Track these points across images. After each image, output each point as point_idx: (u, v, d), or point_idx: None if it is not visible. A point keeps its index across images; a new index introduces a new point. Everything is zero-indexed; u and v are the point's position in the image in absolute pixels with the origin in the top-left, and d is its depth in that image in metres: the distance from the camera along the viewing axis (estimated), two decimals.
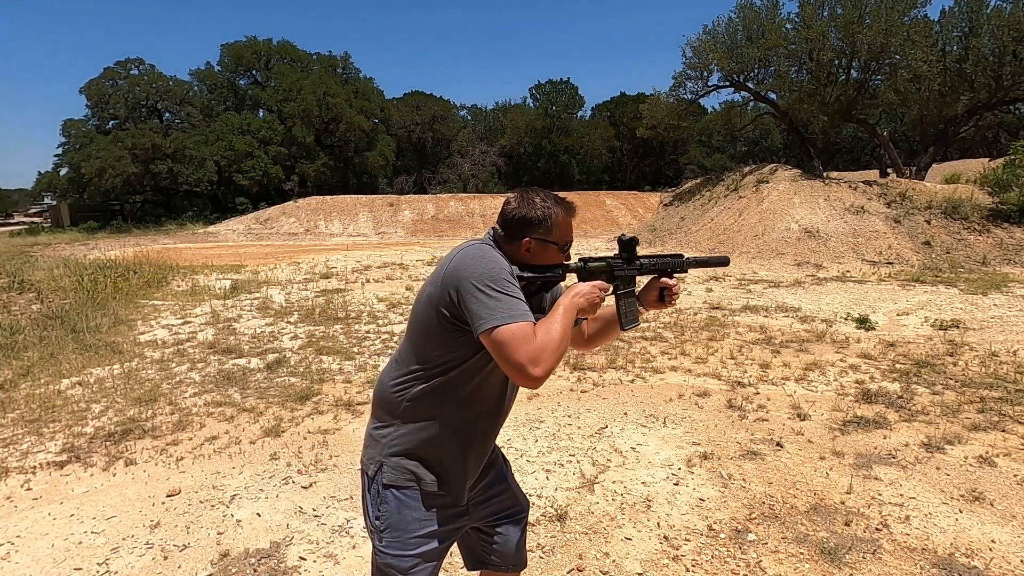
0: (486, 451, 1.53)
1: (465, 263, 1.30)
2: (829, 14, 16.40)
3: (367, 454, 1.48)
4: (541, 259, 1.42)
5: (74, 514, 2.96)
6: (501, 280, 1.27)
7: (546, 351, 1.23)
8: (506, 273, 1.30)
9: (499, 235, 1.44)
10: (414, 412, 1.40)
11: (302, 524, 2.83)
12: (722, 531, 2.71)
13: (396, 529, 1.41)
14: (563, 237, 1.43)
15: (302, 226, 28.13)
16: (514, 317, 1.24)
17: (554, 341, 1.25)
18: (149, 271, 11.21)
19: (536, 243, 1.40)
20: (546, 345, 1.24)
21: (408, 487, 1.41)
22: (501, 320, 1.23)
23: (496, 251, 1.37)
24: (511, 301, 1.26)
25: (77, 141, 34.52)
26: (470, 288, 1.26)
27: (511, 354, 1.21)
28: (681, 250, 14.60)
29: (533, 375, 1.21)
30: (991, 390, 4.42)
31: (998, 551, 2.51)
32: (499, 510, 1.62)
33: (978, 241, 11.92)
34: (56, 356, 5.70)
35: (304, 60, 41.07)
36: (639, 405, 4.34)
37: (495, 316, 1.23)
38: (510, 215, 1.41)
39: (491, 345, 1.24)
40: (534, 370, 1.21)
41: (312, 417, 4.20)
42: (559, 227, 1.42)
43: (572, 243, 1.47)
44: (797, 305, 7.91)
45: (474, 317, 1.26)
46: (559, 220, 1.41)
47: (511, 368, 1.23)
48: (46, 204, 52.51)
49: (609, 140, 45.93)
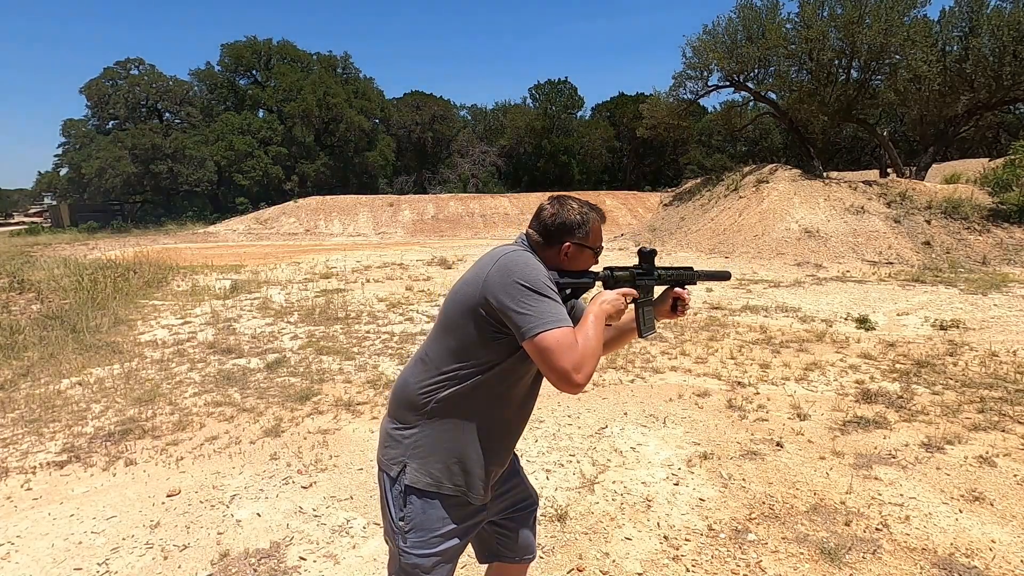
0: (511, 451, 1.56)
1: (510, 268, 1.32)
2: (829, 14, 16.40)
3: (388, 454, 1.47)
4: (576, 264, 1.47)
5: (74, 514, 2.96)
6: (543, 286, 1.31)
7: (587, 357, 1.27)
8: (546, 278, 1.34)
9: (535, 240, 1.48)
10: (441, 413, 1.41)
11: (302, 524, 2.83)
12: (722, 531, 2.71)
13: (420, 529, 1.42)
14: (597, 242, 1.49)
15: (302, 226, 28.13)
16: (558, 322, 1.27)
17: (592, 348, 1.29)
18: (149, 271, 11.21)
19: (575, 247, 1.45)
20: (587, 352, 1.28)
21: (432, 488, 1.42)
22: (545, 326, 1.25)
23: (535, 257, 1.40)
24: (554, 306, 1.29)
25: (77, 141, 34.53)
26: (514, 294, 1.28)
27: (556, 360, 1.24)
28: (681, 250, 14.61)
29: (576, 381, 1.25)
30: (991, 390, 4.42)
31: (998, 551, 2.51)
32: (513, 503, 1.65)
33: (978, 241, 11.92)
34: (56, 356, 5.70)
35: (304, 60, 41.07)
36: (639, 405, 4.34)
37: (540, 322, 1.26)
38: (549, 221, 1.45)
39: (535, 350, 1.27)
40: (577, 376, 1.25)
41: (312, 417, 4.20)
42: (595, 232, 1.48)
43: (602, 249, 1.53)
44: (797, 305, 7.90)
45: (518, 323, 1.28)
46: (595, 225, 1.48)
47: (555, 374, 1.25)
48: (46, 204, 52.51)
49: (609, 140, 45.92)
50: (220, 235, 27.04)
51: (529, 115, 46.33)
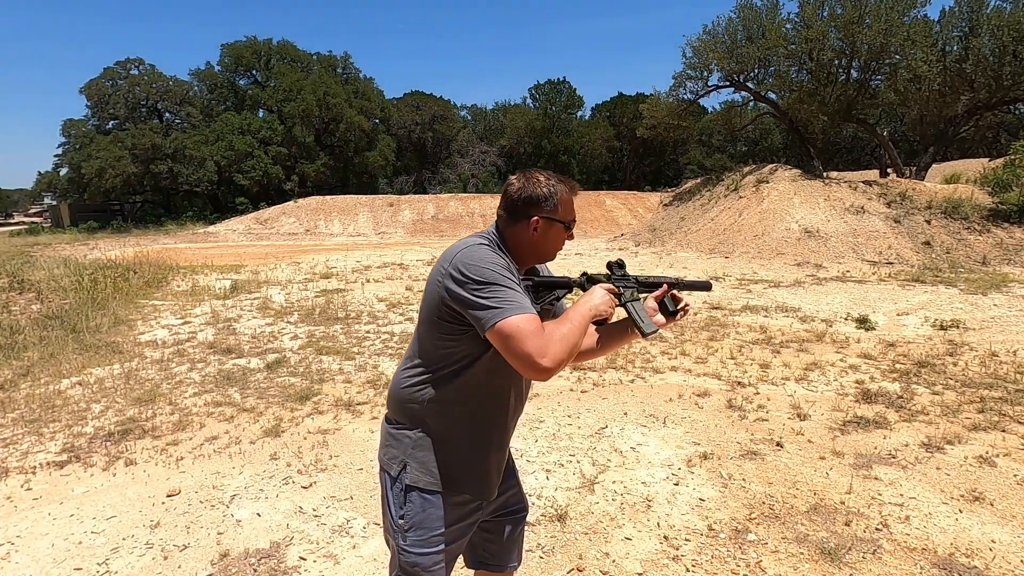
0: (506, 446, 1.54)
1: (464, 263, 1.29)
2: (829, 14, 16.40)
3: (388, 453, 1.48)
4: (548, 241, 1.43)
5: (74, 514, 2.96)
6: (499, 276, 1.27)
7: (554, 342, 1.22)
8: (503, 268, 1.29)
9: (502, 220, 1.44)
10: (435, 411, 1.41)
11: (302, 524, 2.83)
12: (722, 531, 2.71)
13: (420, 528, 1.42)
14: (567, 215, 1.43)
15: (302, 226, 28.13)
16: (517, 309, 1.23)
17: (564, 336, 1.25)
18: (149, 271, 11.21)
19: (543, 221, 1.40)
20: (555, 338, 1.23)
21: (432, 486, 1.42)
22: (503, 314, 1.22)
23: (493, 249, 1.36)
24: (512, 294, 1.26)
25: (77, 141, 34.52)
26: (471, 288, 1.26)
27: (518, 346, 1.20)
28: (681, 250, 14.61)
29: (542, 366, 1.20)
30: (991, 390, 4.42)
31: (998, 551, 2.51)
32: (504, 505, 1.63)
33: (978, 241, 11.92)
34: (56, 356, 5.70)
35: (304, 60, 41.06)
36: (639, 405, 4.34)
37: (498, 311, 1.23)
38: (515, 195, 1.41)
39: (497, 339, 1.24)
40: (542, 360, 1.20)
41: (312, 417, 4.20)
42: (564, 204, 1.42)
43: (576, 223, 1.48)
44: (797, 305, 7.90)
45: (478, 316, 1.25)
46: (564, 197, 1.42)
47: (519, 360, 1.22)
48: (46, 204, 52.51)
49: (609, 140, 45.91)
50: (220, 235, 27.03)
51: (529, 115, 46.33)
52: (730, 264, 12.29)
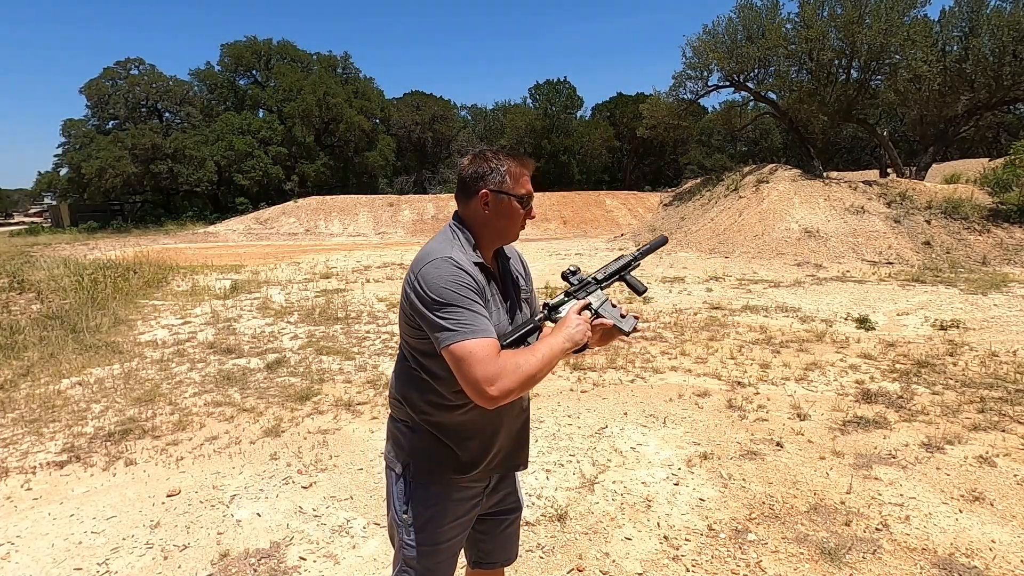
0: (517, 429, 1.52)
1: (424, 281, 1.27)
2: (829, 14, 16.40)
3: (391, 450, 1.50)
4: (503, 217, 1.38)
5: (74, 514, 2.96)
6: (456, 295, 1.24)
7: (507, 373, 1.19)
8: (461, 283, 1.26)
9: (459, 204, 1.43)
10: (431, 409, 1.40)
11: (302, 524, 2.83)
12: (722, 531, 2.71)
13: (423, 522, 1.43)
14: (519, 189, 1.38)
15: (302, 226, 28.13)
16: (472, 333, 1.21)
17: (520, 367, 1.21)
18: (149, 271, 11.22)
19: (492, 195, 1.37)
20: (507, 367, 1.20)
21: (436, 482, 1.43)
22: (455, 338, 1.21)
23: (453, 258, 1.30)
24: (469, 315, 1.23)
25: (77, 141, 34.54)
26: (429, 306, 1.25)
27: (468, 371, 1.19)
28: (681, 250, 14.60)
29: (489, 395, 1.18)
30: (991, 390, 4.42)
31: (998, 551, 2.51)
32: (499, 504, 1.63)
33: (978, 241, 11.92)
34: (56, 356, 5.70)
35: (304, 60, 41.08)
36: (639, 405, 4.34)
37: (452, 333, 1.21)
38: (464, 173, 1.40)
39: (450, 361, 1.23)
40: (490, 389, 1.17)
41: (312, 417, 4.20)
42: (513, 176, 1.38)
43: (532, 198, 1.41)
44: (797, 305, 7.90)
45: (434, 334, 1.25)
46: (513, 171, 1.38)
47: (467, 385, 1.20)
48: (46, 204, 52.54)
49: (609, 140, 45.93)
50: (220, 235, 27.04)
51: (529, 115, 46.34)
52: (730, 264, 12.29)
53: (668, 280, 10.32)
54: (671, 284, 9.92)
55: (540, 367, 1.24)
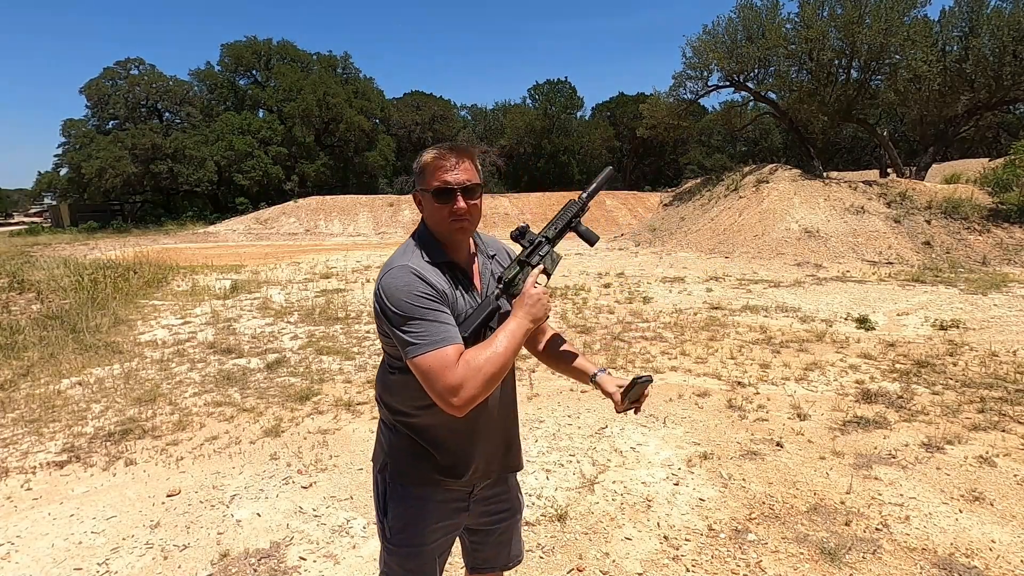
0: (500, 431, 1.48)
1: (386, 293, 1.26)
2: (829, 14, 16.40)
3: (376, 452, 1.50)
4: (433, 214, 1.34)
5: (74, 514, 2.96)
6: (414, 308, 1.22)
7: (469, 379, 1.18)
8: (420, 294, 1.24)
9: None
10: (409, 407, 1.39)
11: (302, 524, 2.83)
12: (722, 531, 2.71)
13: (402, 523, 1.41)
14: (431, 182, 1.30)
15: (302, 226, 28.14)
16: (433, 344, 1.20)
17: (483, 371, 1.19)
18: (149, 271, 11.21)
19: (419, 194, 1.36)
20: (472, 372, 1.19)
21: (414, 483, 1.41)
22: (419, 350, 1.20)
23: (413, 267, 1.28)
24: (428, 326, 1.22)
25: (77, 141, 34.53)
26: (392, 319, 1.24)
27: (432, 383, 1.19)
28: (681, 250, 14.60)
29: (453, 404, 1.19)
30: (991, 390, 4.42)
31: (998, 551, 2.51)
32: (491, 511, 1.57)
33: (978, 241, 11.92)
34: (56, 356, 5.70)
35: (304, 60, 41.08)
36: None
37: (415, 346, 1.21)
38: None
39: (415, 372, 1.23)
40: (453, 399, 1.18)
41: (312, 417, 4.20)
42: (428, 172, 1.31)
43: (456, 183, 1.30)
44: (797, 305, 7.90)
45: (400, 345, 1.24)
46: (428, 163, 1.32)
47: (434, 396, 1.21)
48: (46, 204, 52.53)
49: (609, 140, 45.92)
50: (220, 235, 27.04)
51: (529, 115, 46.34)
52: (730, 264, 12.29)
53: (668, 280, 10.32)
54: (671, 284, 9.92)
55: (502, 362, 1.22)
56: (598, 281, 10.33)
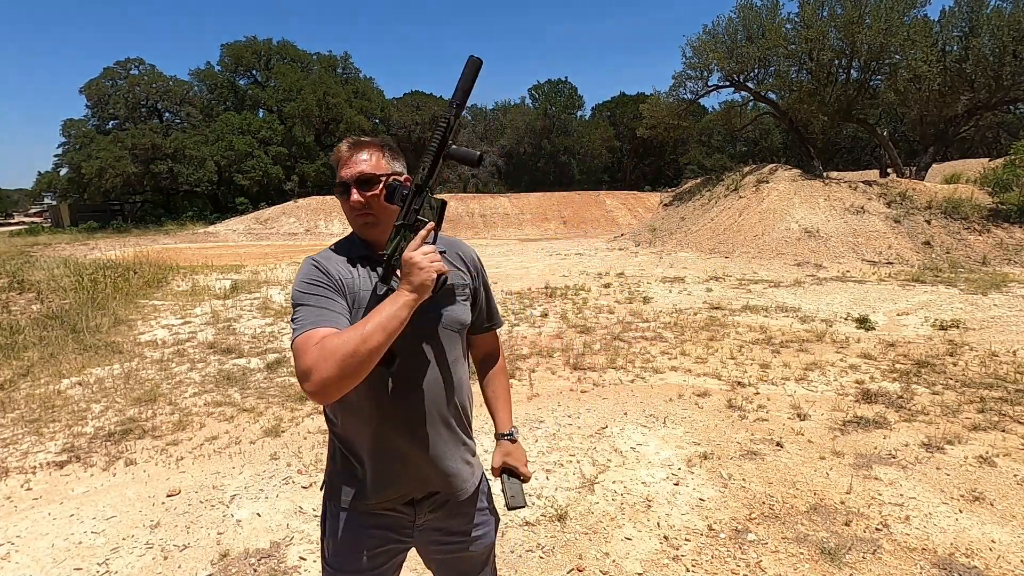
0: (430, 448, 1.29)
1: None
2: (829, 14, 16.40)
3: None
4: (349, 214, 1.29)
5: (74, 514, 2.96)
6: (302, 295, 1.20)
7: (320, 363, 1.05)
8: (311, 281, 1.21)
9: None
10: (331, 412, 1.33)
11: (302, 524, 2.83)
12: (722, 531, 2.71)
13: (337, 547, 1.33)
14: (341, 177, 1.27)
15: (302, 226, 28.14)
16: (302, 328, 1.14)
17: (337, 352, 1.05)
18: (149, 271, 11.21)
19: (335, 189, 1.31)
20: (321, 357, 1.06)
21: (342, 504, 1.31)
22: (294, 334, 1.15)
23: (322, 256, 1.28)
24: (307, 311, 1.17)
25: (77, 141, 34.55)
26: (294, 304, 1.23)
27: (296, 367, 1.11)
28: (681, 250, 14.60)
29: (306, 389, 1.07)
30: (991, 390, 4.42)
31: (998, 551, 2.51)
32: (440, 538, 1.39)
33: (978, 241, 11.92)
34: (56, 356, 5.70)
35: (304, 60, 41.10)
36: (639, 405, 4.34)
37: (294, 330, 1.16)
38: None
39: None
40: (305, 384, 1.07)
41: (312, 417, 4.20)
42: (340, 165, 1.28)
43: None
44: (797, 305, 7.90)
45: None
46: (338, 157, 1.28)
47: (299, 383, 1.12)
48: (46, 204, 52.54)
49: (609, 140, 45.94)
50: (220, 235, 27.03)
51: (529, 115, 46.36)
52: (730, 264, 12.29)
53: (668, 280, 10.32)
54: (671, 284, 9.92)
55: (361, 340, 1.05)
56: (598, 281, 10.34)
